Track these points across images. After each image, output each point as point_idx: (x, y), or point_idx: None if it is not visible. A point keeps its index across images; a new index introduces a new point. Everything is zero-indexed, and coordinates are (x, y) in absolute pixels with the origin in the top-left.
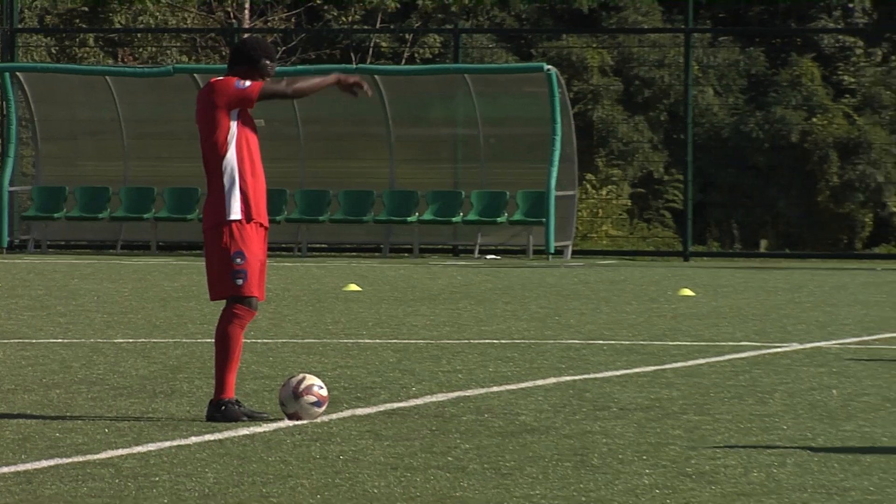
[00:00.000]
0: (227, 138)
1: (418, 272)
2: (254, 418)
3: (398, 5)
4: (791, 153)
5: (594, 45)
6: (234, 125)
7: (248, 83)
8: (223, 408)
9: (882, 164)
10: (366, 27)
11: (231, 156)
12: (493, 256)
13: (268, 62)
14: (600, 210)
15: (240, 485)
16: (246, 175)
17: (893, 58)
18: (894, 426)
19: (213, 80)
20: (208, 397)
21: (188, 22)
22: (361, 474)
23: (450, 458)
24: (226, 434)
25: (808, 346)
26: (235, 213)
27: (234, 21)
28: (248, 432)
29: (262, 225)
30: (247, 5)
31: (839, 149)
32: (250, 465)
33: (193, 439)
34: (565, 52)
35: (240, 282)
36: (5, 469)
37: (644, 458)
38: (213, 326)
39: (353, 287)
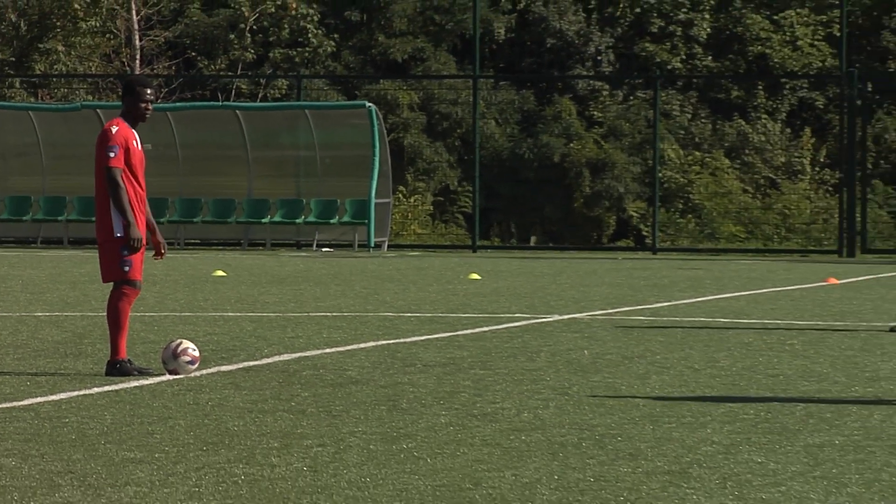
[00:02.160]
0: None
1: (270, 261)
2: (142, 373)
3: (255, 56)
4: (554, 170)
5: (405, 88)
6: None
7: (112, 154)
8: (118, 366)
9: (622, 178)
10: (230, 73)
11: None
12: (327, 249)
13: (141, 88)
14: (409, 214)
15: (131, 424)
16: (129, 197)
17: (631, 98)
18: (631, 378)
19: (105, 126)
20: (107, 358)
21: (93, 69)
22: (225, 416)
23: (293, 404)
24: (120, 386)
25: (566, 317)
26: (118, 231)
27: (127, 68)
28: (137, 384)
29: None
30: (137, 56)
31: (590, 167)
32: (139, 409)
33: (96, 389)
34: (382, 92)
35: (126, 269)
36: None
37: (441, 402)
38: None
39: (220, 273)
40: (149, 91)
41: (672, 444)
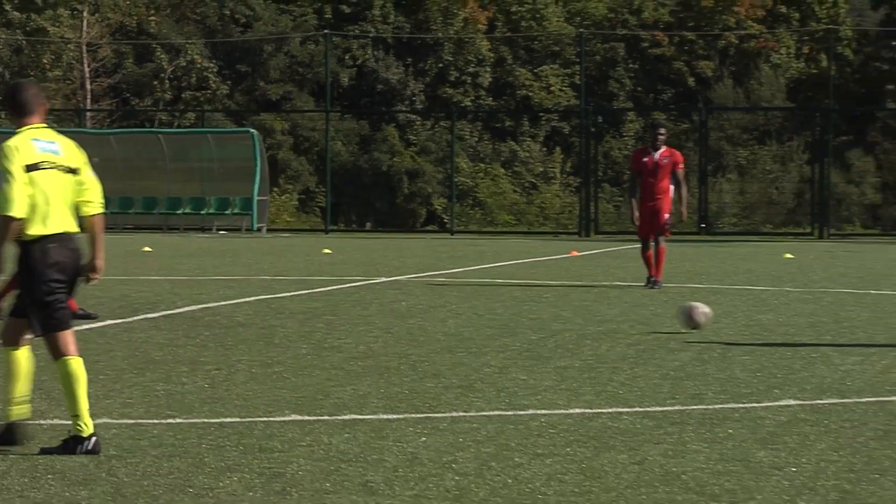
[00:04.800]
0: None
1: (184, 241)
2: (89, 317)
3: (172, 96)
4: (383, 177)
5: (278, 119)
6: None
7: None
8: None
9: (430, 182)
10: (154, 108)
11: None
12: (223, 232)
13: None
14: (281, 207)
15: (83, 354)
16: None
17: (436, 126)
18: (435, 321)
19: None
20: None
21: (56, 105)
22: (150, 349)
23: (198, 340)
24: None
25: (391, 279)
26: None
27: (80, 105)
28: (87, 327)
29: None
30: (88, 96)
31: (408, 174)
32: (88, 345)
33: None
34: (262, 122)
35: None
36: None
37: (302, 339)
38: None
39: (147, 248)
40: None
41: (462, 367)
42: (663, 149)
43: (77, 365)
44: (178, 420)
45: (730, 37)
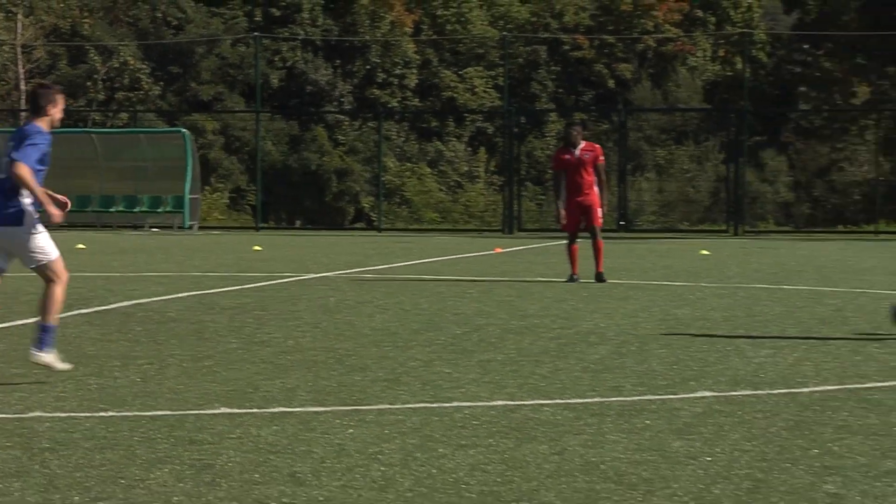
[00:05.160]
0: None
1: (116, 238)
2: None
3: (105, 97)
4: (312, 176)
5: (209, 119)
6: None
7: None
8: None
9: (358, 181)
10: (88, 108)
11: None
12: (155, 230)
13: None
14: (212, 205)
15: (17, 349)
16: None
17: (364, 127)
18: (362, 316)
19: None
20: None
21: None
22: (83, 344)
23: (130, 335)
24: (10, 323)
25: (319, 275)
26: None
27: (15, 105)
28: (22, 322)
29: None
30: (22, 97)
31: (336, 174)
32: (24, 340)
33: None
34: (194, 122)
35: None
36: None
37: (232, 333)
38: None
39: (81, 245)
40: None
41: (389, 361)
42: (583, 144)
43: None
44: (111, 413)
45: (648, 40)
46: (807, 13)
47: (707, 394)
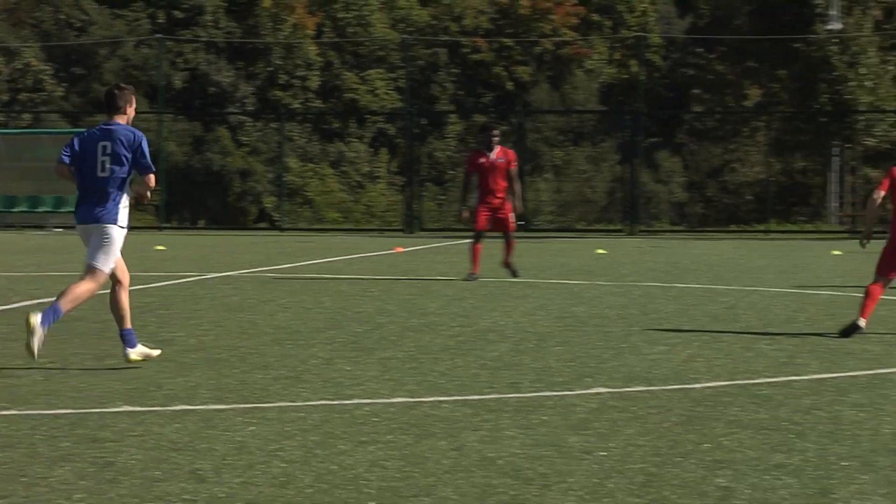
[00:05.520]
0: None
1: (19, 238)
2: None
3: (8, 97)
4: (215, 176)
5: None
6: None
7: None
8: None
9: (261, 181)
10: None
11: None
12: (59, 230)
13: None
14: None
15: None
16: None
17: (267, 127)
18: (265, 314)
19: None
20: None
21: None
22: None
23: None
24: None
25: (222, 274)
26: None
27: None
28: None
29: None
30: None
31: (239, 174)
32: None
33: None
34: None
35: None
36: None
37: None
38: None
39: None
40: None
41: (290, 359)
42: (497, 149)
43: None
44: (13, 412)
45: (546, 43)
46: (700, 17)
47: (602, 390)
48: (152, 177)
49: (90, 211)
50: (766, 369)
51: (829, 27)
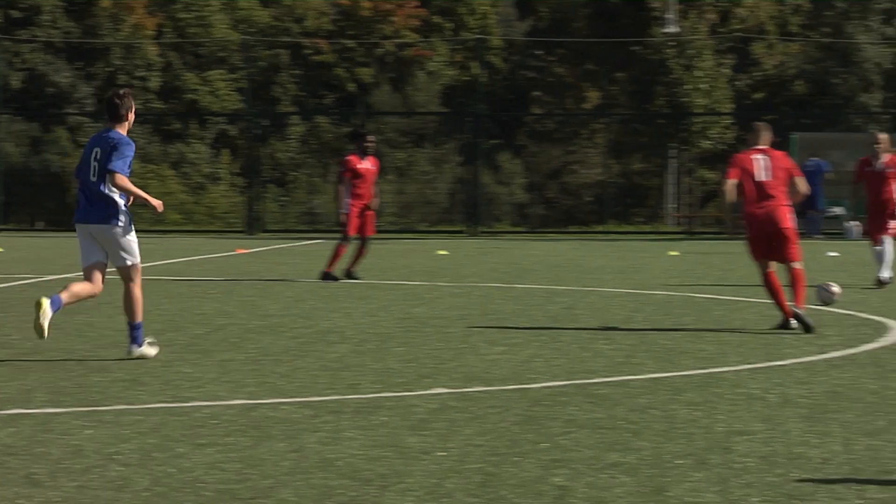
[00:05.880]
0: None
1: None
2: None
3: None
4: (54, 177)
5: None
6: None
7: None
8: None
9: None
10: None
11: None
12: None
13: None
14: None
15: None
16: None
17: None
18: (104, 317)
19: None
20: None
21: None
22: None
23: None
24: None
25: (61, 276)
26: None
27: None
28: None
29: None
30: None
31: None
32: None
33: None
34: None
35: None
36: None
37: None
38: None
39: None
40: None
41: (129, 361)
42: (371, 156)
43: None
44: None
45: (387, 45)
46: (540, 20)
47: (442, 390)
48: (116, 176)
49: (88, 213)
50: (604, 369)
51: (666, 30)
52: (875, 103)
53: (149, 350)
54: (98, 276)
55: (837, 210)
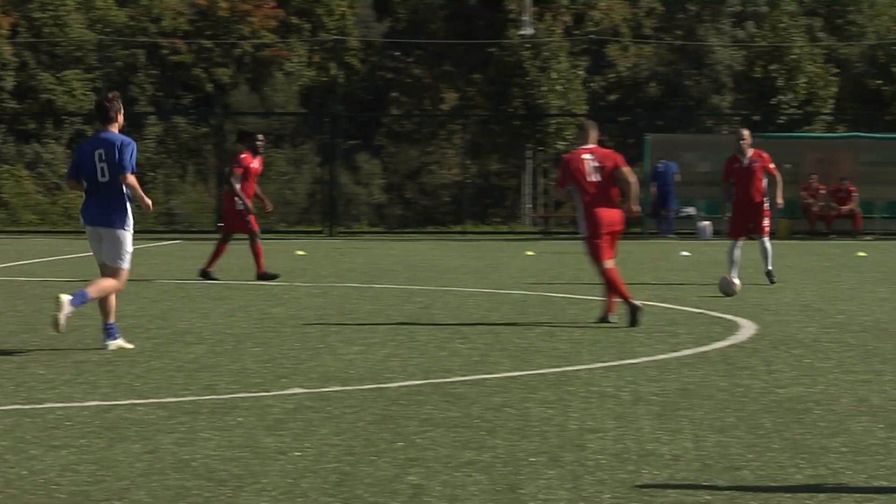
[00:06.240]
0: None
1: None
2: None
3: None
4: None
5: None
6: None
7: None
8: None
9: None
10: None
11: None
12: None
13: None
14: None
15: None
16: None
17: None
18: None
19: None
20: None
21: None
22: None
23: None
24: None
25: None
26: None
27: None
28: None
29: None
30: None
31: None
32: None
33: None
34: None
35: None
36: None
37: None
38: None
39: None
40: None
41: None
42: (259, 156)
43: None
44: None
45: (245, 45)
46: (398, 21)
47: (299, 390)
48: (127, 176)
49: (97, 214)
50: (460, 368)
51: (522, 32)
52: (726, 105)
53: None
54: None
55: (690, 210)
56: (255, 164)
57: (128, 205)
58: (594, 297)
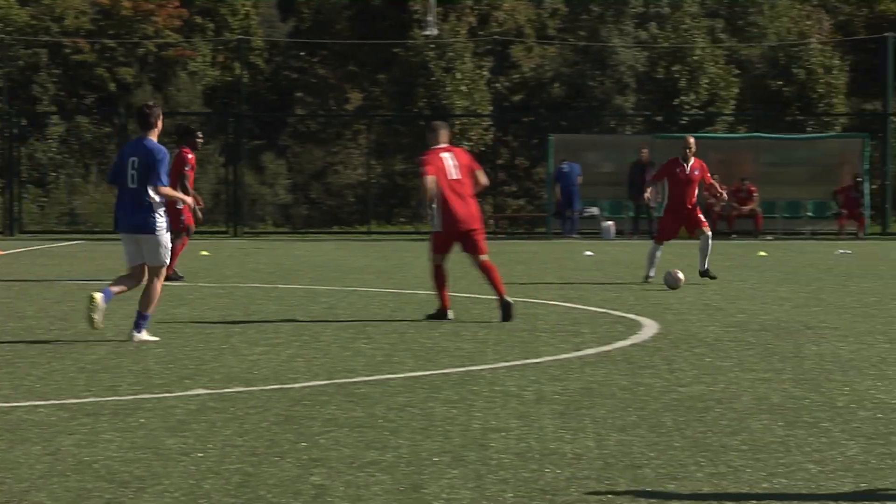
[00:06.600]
0: None
1: None
2: None
3: None
4: None
5: None
6: None
7: None
8: None
9: None
10: None
11: None
12: None
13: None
14: None
15: None
16: None
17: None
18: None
19: None
20: None
21: None
22: None
23: None
24: None
25: None
26: None
27: None
28: None
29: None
30: None
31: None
32: None
33: None
34: None
35: None
36: None
37: None
38: None
39: None
40: None
41: None
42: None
43: None
44: None
45: (149, 45)
46: (302, 21)
47: (202, 391)
48: (160, 189)
49: (129, 220)
50: (364, 368)
51: (427, 33)
52: (629, 105)
53: (149, 337)
54: (143, 272)
55: (594, 210)
56: (192, 161)
57: (158, 208)
58: (496, 297)
